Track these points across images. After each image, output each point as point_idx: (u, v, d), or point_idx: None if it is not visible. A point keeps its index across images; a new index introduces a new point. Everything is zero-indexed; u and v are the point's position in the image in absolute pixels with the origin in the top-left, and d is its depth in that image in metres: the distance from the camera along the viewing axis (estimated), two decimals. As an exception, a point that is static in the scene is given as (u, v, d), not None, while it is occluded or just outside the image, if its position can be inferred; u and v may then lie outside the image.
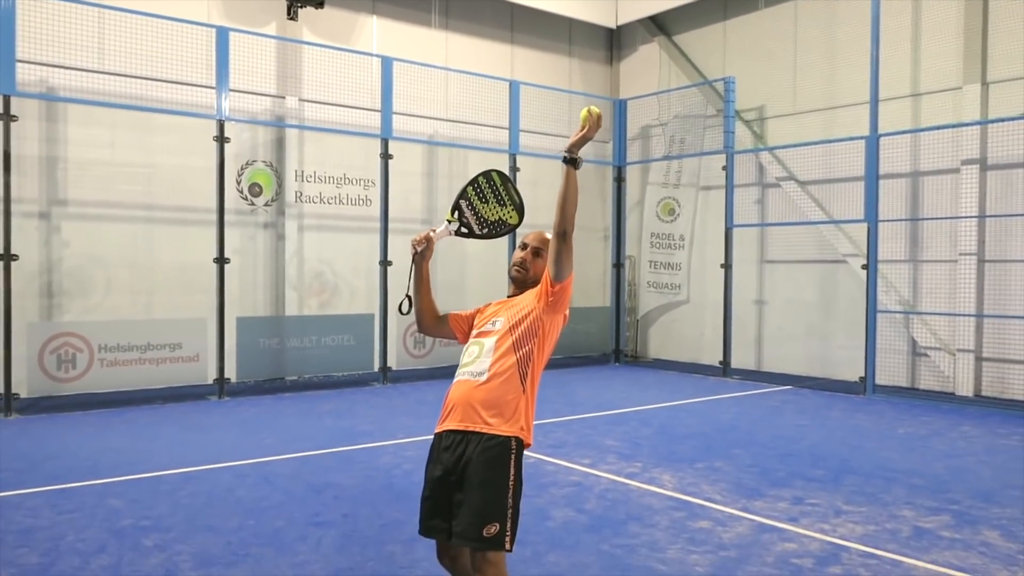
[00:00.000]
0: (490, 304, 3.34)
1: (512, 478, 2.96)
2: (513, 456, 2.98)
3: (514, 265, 3.26)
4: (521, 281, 3.26)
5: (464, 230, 3.35)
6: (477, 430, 2.96)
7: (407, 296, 3.35)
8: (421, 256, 3.27)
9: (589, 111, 3.10)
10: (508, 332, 3.09)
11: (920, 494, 5.89)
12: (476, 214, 3.36)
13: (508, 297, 3.31)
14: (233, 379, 10.01)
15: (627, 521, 5.19)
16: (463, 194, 3.37)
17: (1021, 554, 4.66)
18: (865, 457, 7.04)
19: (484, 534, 2.86)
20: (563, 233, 2.98)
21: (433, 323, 3.39)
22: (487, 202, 3.34)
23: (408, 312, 3.36)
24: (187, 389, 9.74)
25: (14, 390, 8.58)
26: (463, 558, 3.08)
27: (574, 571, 4.32)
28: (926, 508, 5.54)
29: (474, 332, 3.24)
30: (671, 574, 4.30)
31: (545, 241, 3.25)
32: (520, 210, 3.38)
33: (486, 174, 3.37)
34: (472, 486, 2.92)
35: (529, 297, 3.18)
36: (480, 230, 3.37)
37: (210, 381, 9.82)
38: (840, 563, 4.49)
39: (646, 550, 4.65)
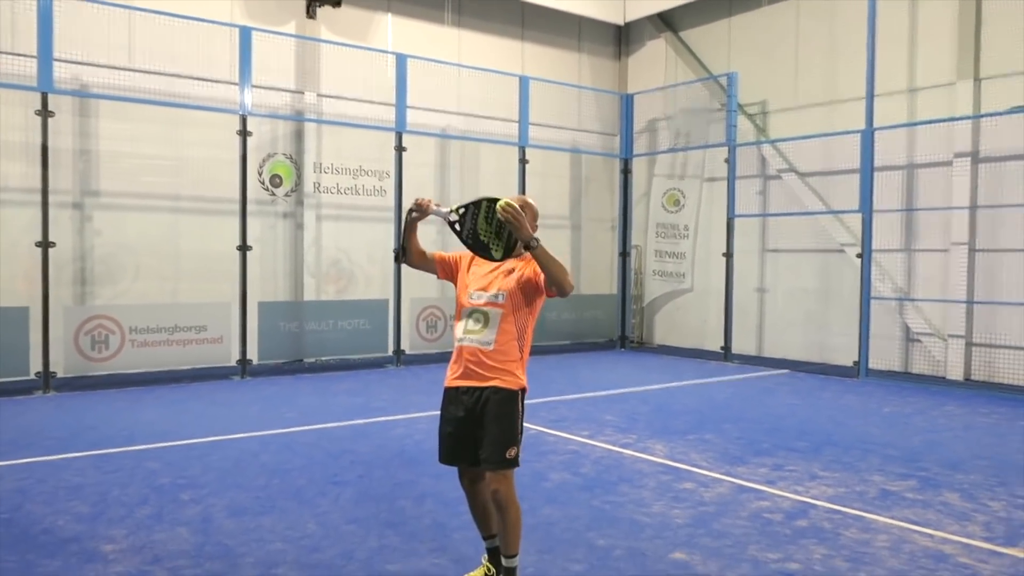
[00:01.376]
0: (476, 257, 3.73)
1: (521, 413, 3.65)
2: (519, 399, 3.65)
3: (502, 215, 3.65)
4: None
5: (456, 227, 3.62)
6: (490, 385, 3.60)
7: (401, 246, 3.80)
8: (415, 218, 3.67)
9: (502, 207, 3.37)
10: (511, 310, 3.63)
11: (892, 463, 6.34)
12: (474, 226, 3.58)
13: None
14: (255, 360, 10.57)
15: (618, 483, 5.68)
16: (477, 204, 3.56)
17: (975, 511, 5.12)
18: (847, 432, 7.50)
19: (507, 456, 3.55)
20: (563, 289, 3.47)
21: (419, 260, 3.86)
22: (489, 224, 3.55)
23: (403, 260, 3.81)
24: (212, 370, 10.31)
25: (52, 369, 9.17)
26: (481, 478, 3.71)
27: (566, 522, 4.82)
28: (895, 474, 6.00)
29: (475, 296, 3.68)
30: (653, 524, 4.79)
31: (526, 203, 3.69)
32: (507, 251, 3.57)
33: (505, 207, 3.47)
34: (491, 421, 3.56)
35: (528, 273, 3.62)
36: (466, 238, 3.60)
37: (233, 362, 10.38)
38: (807, 517, 4.96)
39: (633, 506, 5.15)
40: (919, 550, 4.42)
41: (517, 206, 3.40)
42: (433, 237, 12.19)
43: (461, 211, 3.59)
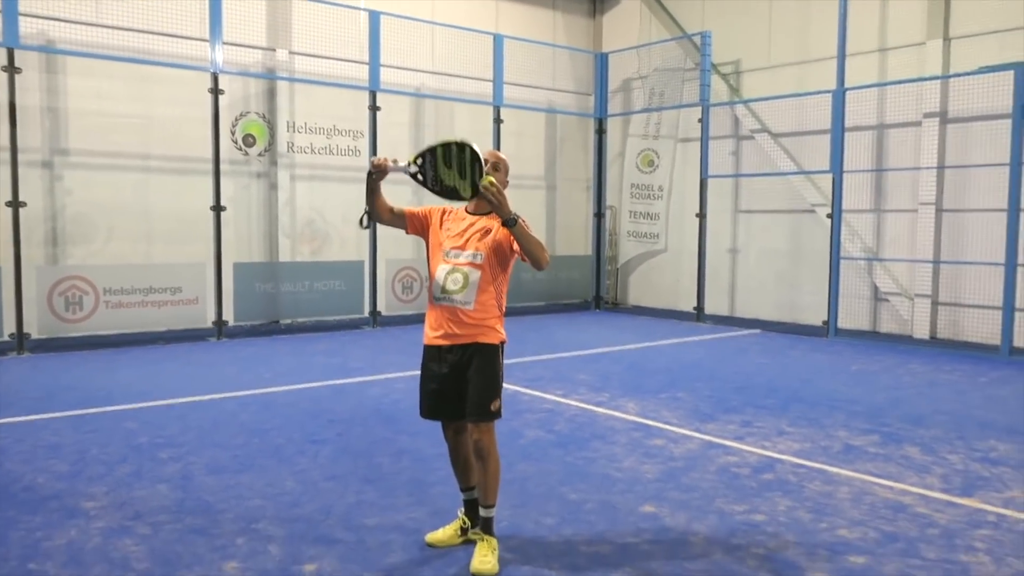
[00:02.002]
0: (448, 212, 3.83)
1: (501, 366, 3.78)
2: (500, 352, 3.78)
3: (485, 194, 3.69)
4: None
5: (419, 177, 3.63)
6: (474, 342, 3.70)
7: (365, 211, 3.79)
8: (376, 179, 3.69)
9: (484, 187, 3.45)
10: (489, 270, 3.70)
11: (857, 419, 6.54)
12: (435, 172, 3.60)
13: (470, 212, 3.78)
14: (231, 322, 10.57)
15: (591, 439, 5.82)
16: (432, 150, 3.59)
17: (934, 464, 5.32)
18: (814, 389, 7.70)
19: (491, 408, 3.68)
20: (540, 263, 3.59)
21: (388, 218, 3.85)
22: (450, 167, 3.57)
23: (367, 226, 3.81)
24: (188, 331, 10.31)
25: (26, 330, 9.12)
26: (464, 430, 3.83)
27: (540, 476, 4.95)
28: (859, 430, 6.20)
29: (451, 255, 3.72)
30: (624, 479, 4.93)
31: (498, 157, 3.77)
32: (475, 189, 3.56)
33: (461, 145, 3.57)
34: (476, 375, 3.68)
35: (503, 234, 3.65)
36: (432, 186, 3.63)
37: (209, 324, 10.38)
38: (773, 471, 5.13)
39: (604, 461, 5.29)
40: (879, 501, 4.60)
41: (498, 187, 3.48)
42: (409, 198, 12.18)
43: (419, 161, 3.61)
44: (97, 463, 5.08)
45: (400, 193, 12.39)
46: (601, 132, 14.55)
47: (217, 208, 10.29)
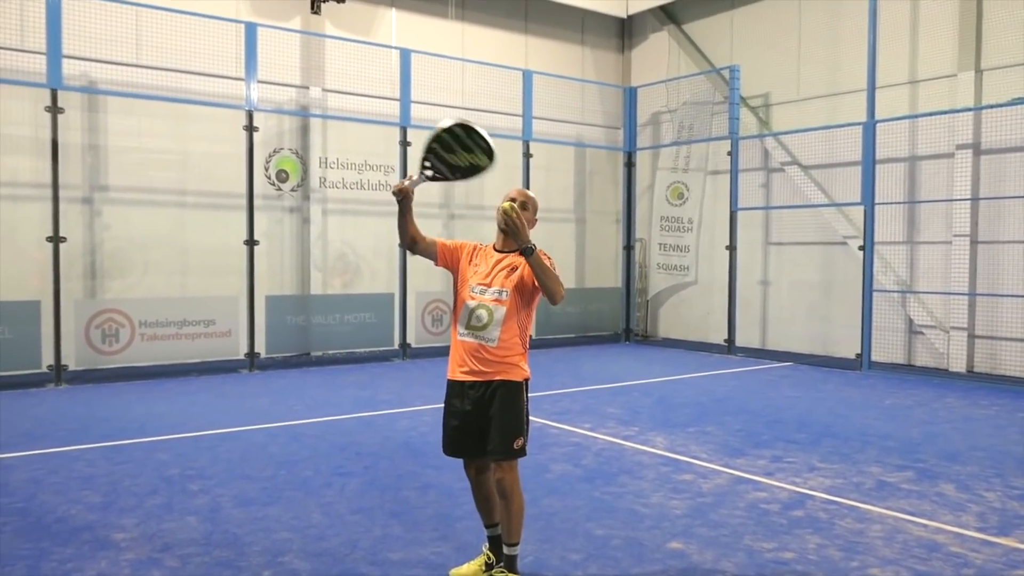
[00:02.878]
0: (478, 248, 3.86)
1: (525, 402, 3.76)
2: (524, 390, 3.77)
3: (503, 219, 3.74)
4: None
5: (438, 176, 3.65)
6: (497, 379, 3.70)
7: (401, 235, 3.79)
8: (403, 203, 3.72)
9: (504, 211, 3.52)
10: (515, 308, 3.72)
11: (891, 454, 6.43)
12: (446, 163, 3.63)
13: (497, 250, 3.81)
14: (262, 353, 10.70)
15: (618, 474, 5.79)
16: (428, 149, 3.60)
17: (970, 502, 5.21)
18: (847, 424, 7.58)
19: (514, 446, 3.66)
20: (555, 297, 3.61)
21: (421, 246, 3.85)
22: (455, 152, 3.60)
23: (407, 248, 3.82)
24: (220, 363, 10.44)
25: (63, 362, 9.31)
26: (486, 467, 3.83)
27: (565, 512, 4.92)
28: (893, 466, 6.09)
29: (476, 291, 3.74)
30: (651, 515, 4.89)
31: (527, 196, 3.80)
32: (489, 152, 3.60)
33: (449, 130, 3.55)
34: (498, 413, 3.67)
35: (527, 270, 3.68)
36: (453, 175, 3.66)
37: (241, 355, 10.52)
38: (804, 508, 5.06)
39: (632, 496, 5.25)
40: (912, 540, 4.51)
41: (518, 212, 3.52)
42: (439, 231, 12.31)
43: (428, 164, 3.62)
44: (129, 494, 5.15)
45: (431, 226, 12.56)
46: (630, 165, 14.60)
47: (250, 242, 10.47)
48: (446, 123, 3.57)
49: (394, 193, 3.68)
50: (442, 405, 3.87)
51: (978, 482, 5.67)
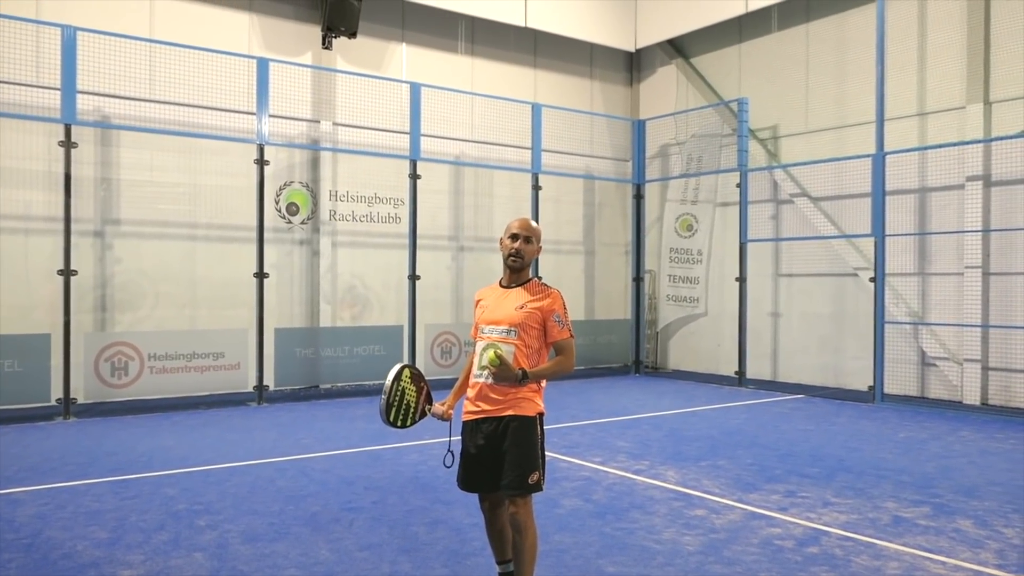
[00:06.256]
0: (484, 291, 3.91)
1: (540, 437, 3.73)
2: (538, 424, 3.73)
3: (510, 256, 3.79)
4: (518, 268, 3.81)
5: (419, 417, 3.94)
6: (508, 414, 3.68)
7: (450, 451, 3.89)
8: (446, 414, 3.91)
9: (490, 362, 3.62)
10: (523, 345, 3.70)
11: (906, 489, 6.33)
12: (412, 408, 3.92)
13: (503, 286, 3.83)
14: (271, 386, 10.67)
15: (630, 509, 5.71)
16: (400, 399, 3.90)
17: (988, 539, 5.11)
18: (861, 458, 7.48)
19: (529, 482, 3.63)
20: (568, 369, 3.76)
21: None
22: (408, 414, 3.91)
23: (451, 466, 3.90)
24: (229, 396, 10.42)
25: (72, 395, 9.30)
26: (500, 503, 3.80)
27: (576, 548, 4.85)
28: (909, 501, 5.99)
29: (486, 331, 3.77)
30: (664, 552, 4.81)
31: (530, 228, 3.80)
32: (413, 415, 3.94)
33: (393, 383, 3.89)
34: (512, 447, 3.64)
35: (536, 308, 3.69)
36: (417, 413, 3.93)
37: (250, 388, 10.49)
38: (819, 544, 4.97)
39: (644, 532, 5.17)
40: (930, 577, 4.42)
41: (501, 359, 3.60)
42: (448, 263, 12.32)
43: (410, 422, 3.95)
44: (136, 530, 5.11)
45: (440, 259, 12.59)
46: (639, 197, 14.62)
47: (260, 275, 10.49)
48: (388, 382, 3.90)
49: (442, 418, 3.91)
50: (454, 438, 3.85)
51: (996, 517, 5.57)
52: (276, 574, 4.36)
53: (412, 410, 3.87)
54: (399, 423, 3.84)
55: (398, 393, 3.83)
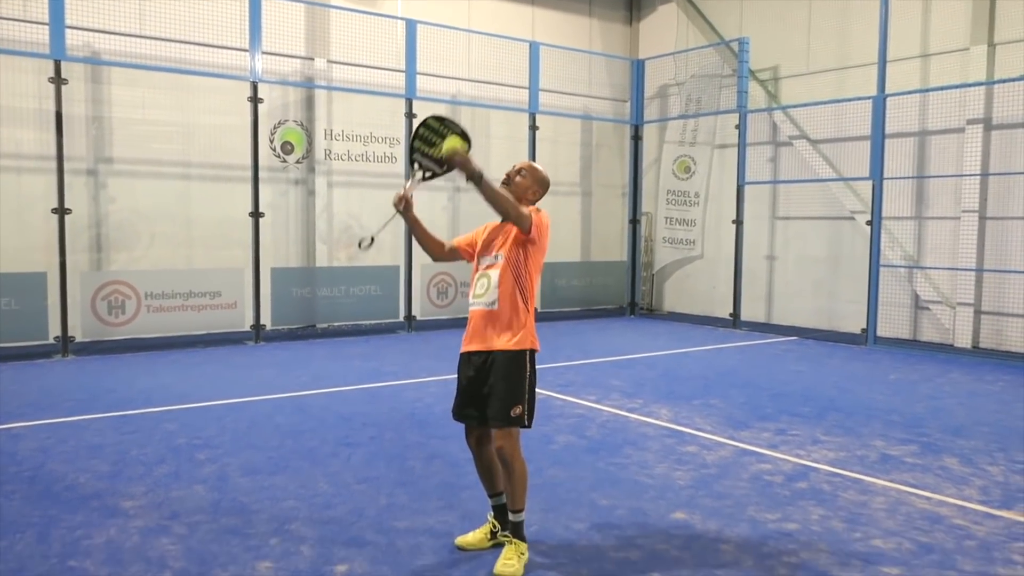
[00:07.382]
0: (487, 226, 3.96)
1: (528, 372, 3.73)
2: (527, 359, 3.74)
3: (502, 181, 3.89)
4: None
5: (428, 174, 3.85)
6: (496, 348, 3.72)
7: (371, 237, 3.84)
8: (405, 211, 3.83)
9: (447, 156, 3.65)
10: (507, 266, 3.75)
11: (895, 428, 6.44)
12: (431, 158, 3.82)
13: (500, 223, 3.89)
14: (268, 325, 10.73)
15: (623, 445, 5.81)
16: (414, 149, 3.83)
17: (973, 476, 5.22)
18: (852, 398, 7.59)
19: (511, 414, 3.65)
20: (520, 223, 3.63)
21: (443, 254, 4.04)
22: (436, 145, 3.80)
23: (367, 247, 3.85)
24: (226, 335, 10.47)
25: (70, 333, 9.34)
26: (486, 437, 3.85)
27: (570, 482, 4.95)
28: (897, 439, 6.10)
29: (480, 261, 3.85)
30: (655, 485, 4.91)
31: (531, 167, 3.90)
32: (463, 134, 3.83)
33: (424, 123, 3.82)
34: (498, 381, 3.68)
35: (515, 230, 3.74)
36: (441, 168, 3.84)
37: (247, 327, 10.55)
38: (807, 480, 5.07)
39: (636, 467, 5.27)
40: (915, 512, 4.53)
41: (461, 152, 3.61)
42: (443, 203, 12.27)
43: (417, 166, 3.82)
44: (137, 463, 5.19)
45: (436, 200, 12.53)
46: (637, 139, 14.50)
47: (256, 214, 10.45)
48: (420, 123, 3.80)
49: (395, 204, 3.79)
50: (448, 376, 3.92)
51: (982, 456, 5.68)
52: (275, 505, 4.46)
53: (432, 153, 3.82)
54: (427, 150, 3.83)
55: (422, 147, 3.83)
